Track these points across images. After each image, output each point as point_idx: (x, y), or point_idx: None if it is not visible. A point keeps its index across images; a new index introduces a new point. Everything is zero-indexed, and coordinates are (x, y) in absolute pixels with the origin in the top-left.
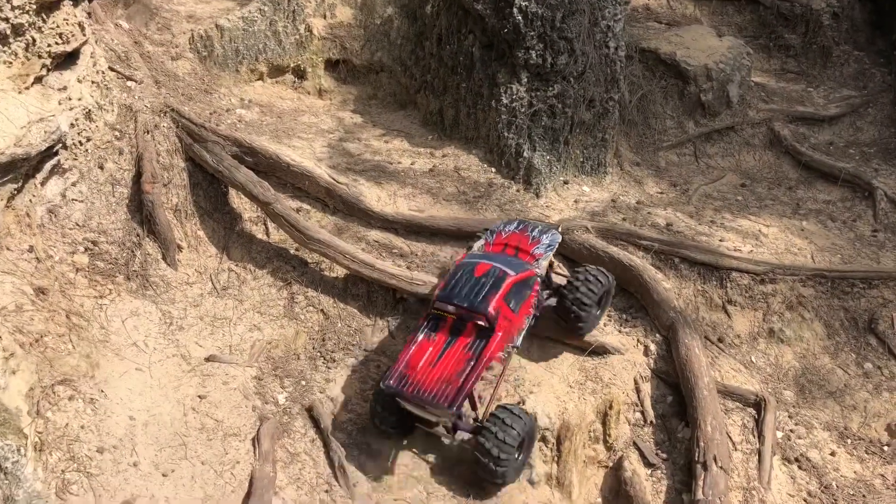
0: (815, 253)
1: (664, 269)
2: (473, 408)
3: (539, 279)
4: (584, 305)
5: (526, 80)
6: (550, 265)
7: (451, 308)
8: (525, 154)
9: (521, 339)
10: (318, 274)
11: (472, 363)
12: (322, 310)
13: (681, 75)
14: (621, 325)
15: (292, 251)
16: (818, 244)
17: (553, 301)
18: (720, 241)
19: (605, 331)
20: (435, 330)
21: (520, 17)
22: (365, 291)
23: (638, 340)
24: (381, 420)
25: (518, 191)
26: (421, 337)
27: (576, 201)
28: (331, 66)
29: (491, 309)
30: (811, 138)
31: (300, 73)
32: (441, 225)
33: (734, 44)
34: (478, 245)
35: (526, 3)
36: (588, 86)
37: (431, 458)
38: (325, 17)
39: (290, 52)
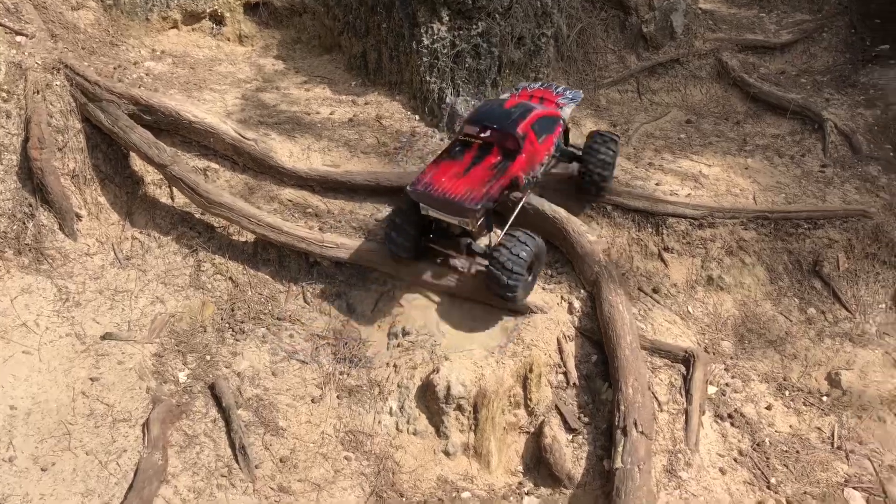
0: (758, 193)
1: (597, 217)
2: (489, 229)
3: (563, 122)
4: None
5: (447, 18)
6: (567, 134)
7: (478, 129)
8: (448, 99)
9: (541, 172)
10: (226, 239)
11: (498, 175)
12: (231, 277)
13: (622, 5)
14: (546, 281)
15: (198, 215)
16: (762, 183)
17: (574, 168)
18: (657, 184)
19: None
20: (461, 154)
21: None
22: (276, 256)
23: (562, 297)
24: (396, 246)
25: (442, 140)
26: (446, 158)
27: None
28: (251, 9)
29: (519, 129)
30: (761, 68)
31: (218, 19)
32: (358, 180)
33: None
34: (502, 97)
35: None
36: (516, 22)
37: (343, 430)
38: None
39: None
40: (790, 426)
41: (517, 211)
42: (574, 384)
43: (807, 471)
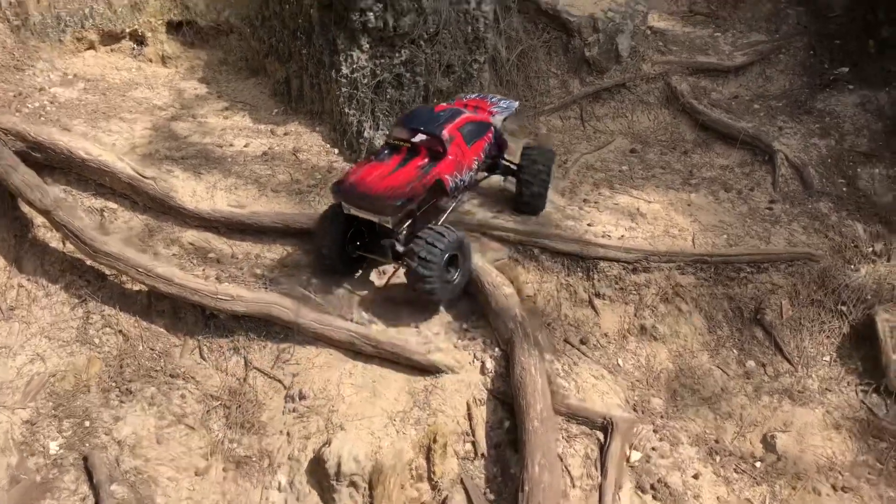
0: (698, 233)
1: (524, 261)
2: (412, 232)
3: (493, 129)
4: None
5: (367, 45)
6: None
7: (407, 133)
8: (366, 133)
9: (470, 180)
10: (118, 288)
11: (423, 175)
12: (121, 331)
13: (564, 28)
14: (460, 337)
15: (89, 262)
16: (703, 222)
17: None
18: (589, 225)
19: (440, 345)
20: (389, 156)
21: None
22: (171, 308)
23: (475, 356)
24: (326, 264)
25: None
26: (374, 160)
27: None
28: (174, 28)
29: (445, 132)
30: (713, 93)
31: (140, 39)
32: (265, 222)
33: None
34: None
35: None
36: (444, 49)
37: None
38: None
39: (123, 16)
40: (718, 498)
41: (445, 216)
42: (483, 455)
43: None
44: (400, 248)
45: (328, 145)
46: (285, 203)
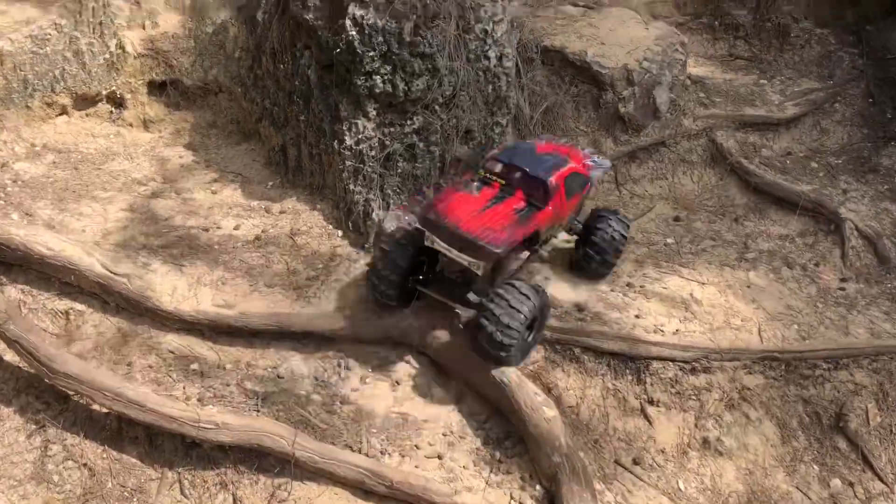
0: (763, 324)
1: (563, 363)
2: (492, 283)
3: (591, 186)
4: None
5: (375, 113)
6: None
7: (503, 168)
8: (375, 214)
9: (559, 234)
10: (84, 411)
11: (521, 221)
12: (86, 464)
13: (594, 80)
14: (493, 469)
15: (48, 380)
16: (769, 309)
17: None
18: (637, 316)
19: (469, 481)
20: (478, 190)
21: (354, 33)
22: (145, 434)
23: (511, 496)
24: (381, 286)
25: (367, 265)
26: (461, 189)
27: None
28: (157, 88)
29: (553, 179)
30: (764, 149)
31: (118, 102)
32: (256, 325)
33: (664, 33)
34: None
35: (362, 11)
36: (462, 113)
37: None
38: (143, 27)
39: (99, 77)
40: None
41: (520, 268)
42: None
43: None
44: (472, 297)
45: (331, 226)
46: (281, 300)
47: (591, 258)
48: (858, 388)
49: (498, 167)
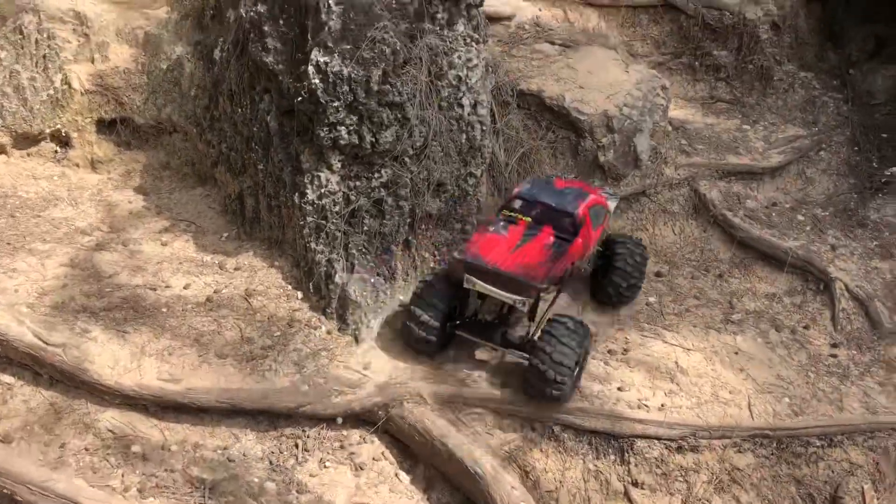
0: (753, 396)
1: (541, 442)
2: (531, 319)
3: (608, 215)
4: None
5: (339, 165)
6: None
7: (530, 204)
8: (338, 277)
9: (587, 267)
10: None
11: (556, 256)
12: None
13: (573, 126)
14: None
15: None
16: (758, 379)
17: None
18: (619, 388)
19: None
20: (505, 229)
21: (317, 81)
22: None
23: None
24: (422, 332)
25: (329, 332)
26: (490, 231)
27: None
28: (106, 127)
29: (580, 211)
30: (748, 200)
31: (64, 141)
32: (205, 402)
33: (644, 76)
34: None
35: (326, 58)
36: (433, 164)
37: None
38: (92, 61)
39: (42, 114)
40: None
41: (552, 303)
42: None
43: None
44: (512, 338)
45: (290, 287)
46: (233, 373)
47: (617, 285)
48: (854, 467)
49: (521, 204)
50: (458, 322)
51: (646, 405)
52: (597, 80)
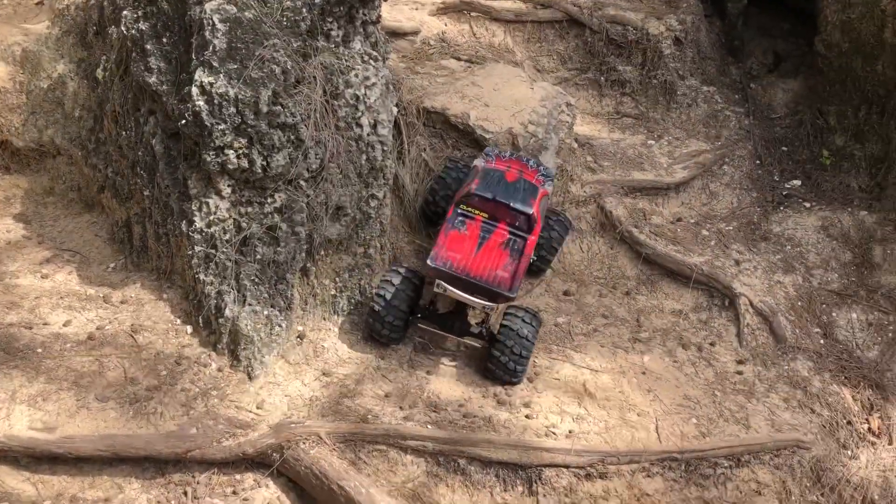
0: (661, 418)
1: (446, 476)
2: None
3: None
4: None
5: (229, 191)
6: None
7: (480, 202)
8: (229, 311)
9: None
10: None
11: (514, 255)
12: None
13: (478, 145)
14: None
15: None
16: (665, 401)
17: None
18: (527, 416)
19: None
20: (463, 224)
21: (202, 103)
22: None
23: None
24: (384, 329)
25: (220, 370)
26: (451, 227)
27: (322, 374)
28: None
29: (535, 211)
30: (654, 216)
31: None
32: (83, 452)
33: (549, 93)
34: (479, 161)
35: (210, 78)
36: (332, 187)
37: None
38: None
39: None
40: None
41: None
42: None
43: None
44: (474, 330)
45: (179, 321)
46: (115, 418)
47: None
48: (761, 486)
49: (476, 200)
50: (418, 314)
51: (553, 432)
52: (502, 98)
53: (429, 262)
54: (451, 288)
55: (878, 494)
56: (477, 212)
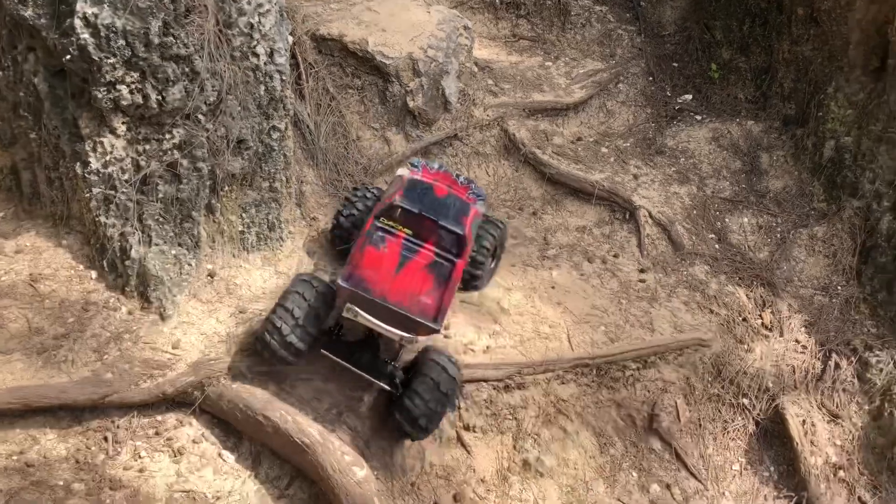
0: (572, 328)
1: (370, 399)
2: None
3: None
4: (479, 264)
5: (124, 128)
6: None
7: (405, 217)
8: (135, 252)
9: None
10: None
11: (441, 280)
12: None
13: (379, 71)
14: None
15: None
16: (574, 311)
17: None
18: (445, 336)
19: None
20: (382, 242)
21: (87, 36)
22: None
23: None
24: (283, 347)
25: (131, 313)
26: (368, 244)
27: (237, 311)
28: None
29: (466, 231)
30: (555, 137)
31: None
32: None
33: (446, 16)
34: (404, 172)
35: (94, 9)
36: (231, 120)
37: None
38: None
39: None
40: None
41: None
42: None
43: None
44: (393, 372)
45: (81, 266)
46: (23, 370)
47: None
48: (667, 384)
49: (399, 214)
50: (322, 338)
51: (472, 349)
52: (400, 22)
53: (339, 281)
54: (363, 314)
55: (772, 382)
56: (399, 227)
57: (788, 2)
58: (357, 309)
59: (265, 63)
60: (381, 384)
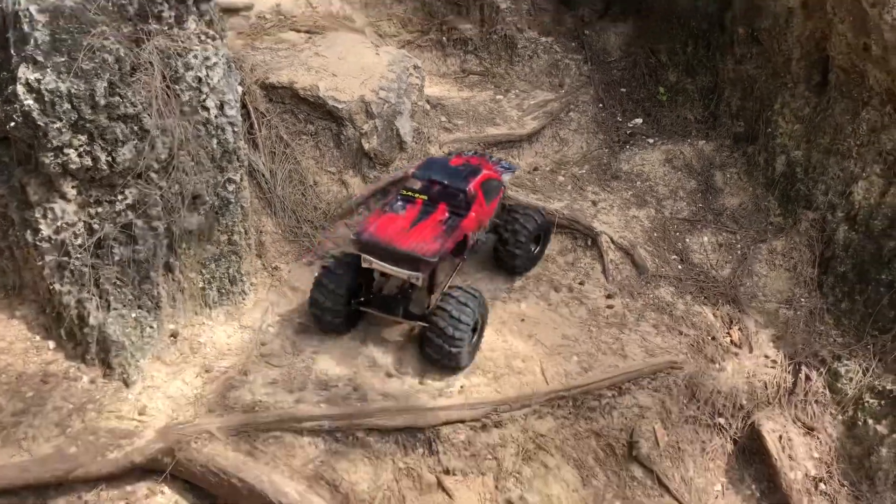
0: (545, 361)
1: (347, 452)
2: (430, 292)
3: (504, 189)
4: (520, 244)
5: (74, 192)
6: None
7: (426, 183)
8: (92, 319)
9: (484, 238)
10: None
11: (449, 231)
12: None
13: (332, 116)
14: None
15: None
16: (546, 343)
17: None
18: (420, 382)
19: None
20: (403, 209)
21: (31, 102)
22: None
23: None
24: (324, 313)
25: (93, 381)
26: (388, 211)
27: (203, 370)
28: None
29: (471, 187)
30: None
31: None
32: None
33: (396, 57)
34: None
35: (37, 74)
36: (185, 176)
37: None
38: None
39: None
40: None
41: (453, 275)
42: None
43: None
44: (414, 311)
45: (38, 337)
46: None
47: (511, 254)
48: (644, 410)
49: (418, 185)
50: (362, 299)
51: (448, 391)
52: (349, 66)
53: (352, 236)
54: (375, 260)
55: (746, 399)
56: (418, 195)
57: (729, 22)
58: (370, 257)
59: (216, 116)
60: (410, 322)
